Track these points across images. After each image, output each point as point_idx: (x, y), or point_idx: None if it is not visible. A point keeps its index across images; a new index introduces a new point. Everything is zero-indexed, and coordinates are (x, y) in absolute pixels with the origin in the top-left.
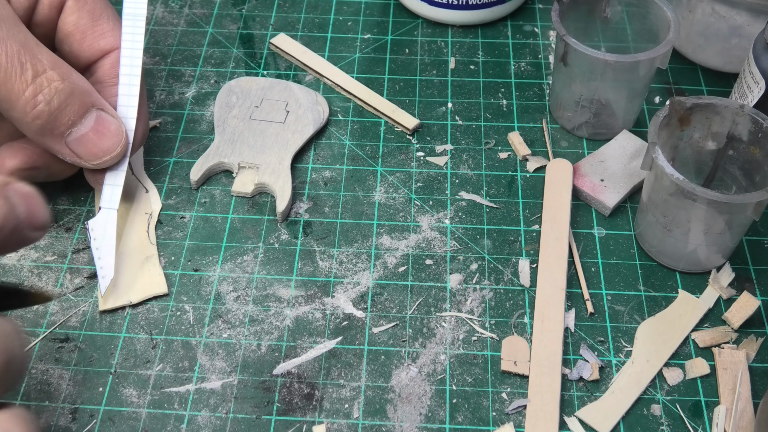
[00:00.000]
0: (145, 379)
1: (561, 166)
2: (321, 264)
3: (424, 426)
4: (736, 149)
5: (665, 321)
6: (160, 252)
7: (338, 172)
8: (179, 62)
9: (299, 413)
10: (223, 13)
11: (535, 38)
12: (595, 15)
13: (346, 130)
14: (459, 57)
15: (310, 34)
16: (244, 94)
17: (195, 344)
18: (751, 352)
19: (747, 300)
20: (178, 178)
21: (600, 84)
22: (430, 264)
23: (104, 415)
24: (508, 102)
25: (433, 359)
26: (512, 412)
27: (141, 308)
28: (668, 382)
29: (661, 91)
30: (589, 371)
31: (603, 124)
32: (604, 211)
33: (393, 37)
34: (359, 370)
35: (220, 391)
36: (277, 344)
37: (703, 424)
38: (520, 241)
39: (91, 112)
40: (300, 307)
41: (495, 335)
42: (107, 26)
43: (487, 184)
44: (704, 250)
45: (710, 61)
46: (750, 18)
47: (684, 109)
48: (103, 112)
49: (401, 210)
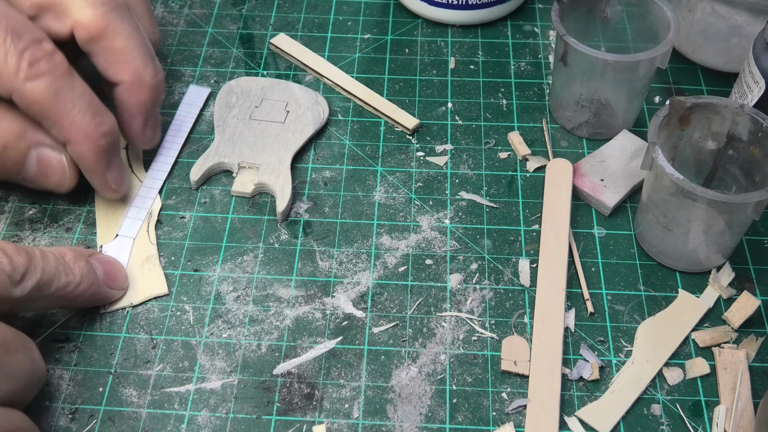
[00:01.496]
0: (145, 379)
1: (561, 165)
2: (321, 264)
3: (424, 426)
4: (736, 149)
5: (665, 321)
6: (160, 252)
7: (338, 172)
8: (179, 62)
9: (299, 413)
10: (222, 13)
11: (535, 38)
12: (595, 15)
13: (346, 130)
14: (459, 57)
15: (310, 34)
16: (244, 94)
17: (195, 344)
18: (751, 351)
19: (747, 300)
20: (178, 178)
21: (600, 84)
22: (430, 264)
23: (104, 416)
24: (508, 102)
25: (433, 359)
26: (512, 411)
27: (141, 308)
28: (668, 381)
29: (661, 90)
30: (589, 371)
31: (603, 124)
32: (604, 211)
33: (393, 37)
34: (359, 370)
35: (220, 391)
36: (277, 344)
37: (703, 423)
38: (520, 241)
39: (31, 153)
40: (300, 307)
41: (495, 335)
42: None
43: (487, 183)
44: (704, 249)
45: (710, 61)
46: (750, 17)
47: (684, 109)
48: (44, 148)
49: (401, 210)
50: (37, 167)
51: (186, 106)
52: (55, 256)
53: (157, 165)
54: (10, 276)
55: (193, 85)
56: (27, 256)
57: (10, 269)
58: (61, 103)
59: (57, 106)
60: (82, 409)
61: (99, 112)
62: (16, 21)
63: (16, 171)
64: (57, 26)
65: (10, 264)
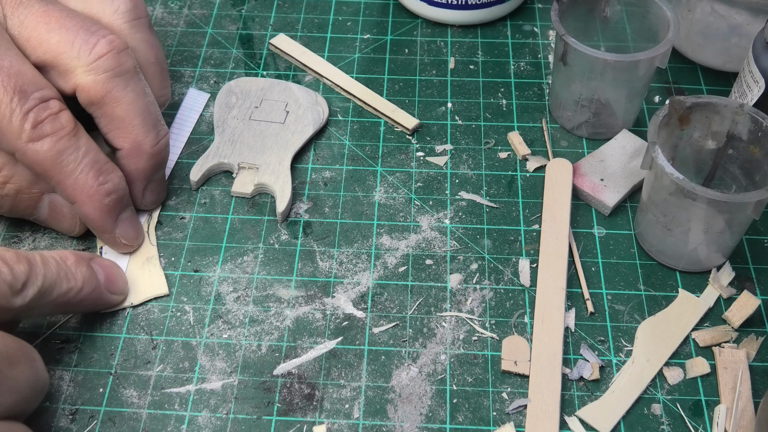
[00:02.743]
0: (146, 380)
1: (561, 165)
2: (321, 264)
3: (424, 426)
4: (736, 148)
5: (665, 320)
6: (160, 253)
7: (338, 172)
8: (179, 63)
9: (300, 413)
10: (222, 13)
11: (535, 38)
12: (594, 14)
13: (346, 130)
14: (458, 57)
15: (310, 34)
16: (244, 94)
17: (195, 345)
18: (752, 351)
19: (747, 299)
20: (178, 178)
21: (599, 83)
22: (430, 264)
23: (104, 416)
24: (508, 102)
25: (434, 359)
26: (513, 411)
27: (141, 309)
28: (669, 381)
29: (660, 90)
30: (589, 371)
31: (603, 124)
32: (604, 211)
33: (392, 37)
34: (359, 370)
35: (221, 391)
36: (278, 344)
37: (703, 423)
38: (520, 241)
39: (44, 199)
40: (300, 307)
41: (495, 335)
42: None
43: (487, 183)
44: (704, 249)
45: (710, 61)
46: (749, 17)
47: (684, 109)
48: (56, 194)
49: (401, 210)
50: (48, 212)
51: (186, 109)
52: (57, 261)
53: None
54: (11, 285)
55: (193, 88)
56: (28, 263)
57: (11, 279)
58: (63, 165)
59: (59, 167)
60: (82, 410)
61: (103, 170)
62: (25, 79)
63: (29, 213)
64: (62, 83)
65: (11, 273)
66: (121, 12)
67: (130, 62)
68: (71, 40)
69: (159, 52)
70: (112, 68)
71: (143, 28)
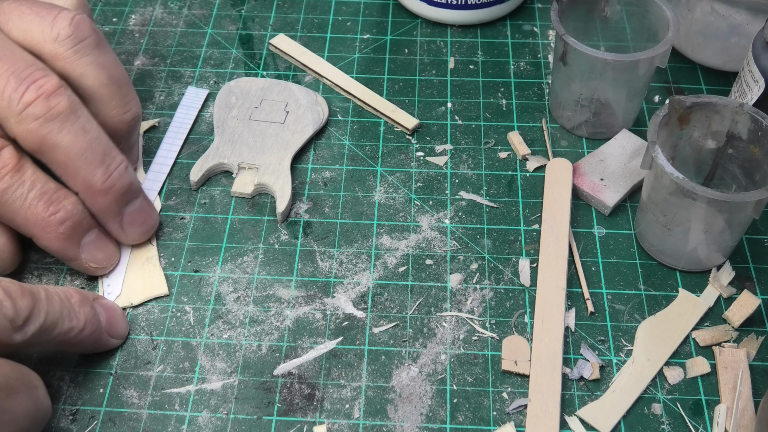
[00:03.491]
0: (146, 380)
1: (561, 165)
2: (321, 264)
3: (424, 426)
4: (736, 148)
5: (666, 320)
6: (160, 253)
7: (338, 172)
8: (178, 63)
9: (300, 414)
10: (222, 13)
11: (535, 38)
12: (594, 14)
13: (346, 130)
14: (458, 57)
15: (310, 34)
16: (244, 94)
17: (195, 345)
18: (752, 350)
19: (747, 299)
20: (178, 179)
21: (599, 83)
22: (430, 264)
23: (105, 417)
24: (508, 102)
25: (434, 359)
26: (513, 411)
27: (141, 309)
28: (669, 381)
29: (660, 90)
30: (589, 370)
31: (602, 124)
32: (604, 211)
33: (392, 37)
34: (360, 370)
35: (221, 391)
36: (278, 345)
37: (703, 422)
38: (520, 241)
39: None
40: (300, 307)
41: (495, 335)
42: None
43: (487, 183)
44: (704, 248)
45: (709, 60)
46: (749, 16)
47: (683, 108)
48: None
49: (401, 210)
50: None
51: (184, 107)
52: (61, 298)
53: (156, 166)
54: (12, 321)
55: (192, 86)
56: (32, 298)
57: (13, 314)
58: (10, 203)
59: (6, 206)
60: (82, 411)
61: (53, 200)
62: None
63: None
64: (6, 130)
65: (14, 308)
66: (62, 39)
67: (63, 102)
68: (2, 89)
69: (113, 70)
70: (42, 114)
71: (90, 50)
